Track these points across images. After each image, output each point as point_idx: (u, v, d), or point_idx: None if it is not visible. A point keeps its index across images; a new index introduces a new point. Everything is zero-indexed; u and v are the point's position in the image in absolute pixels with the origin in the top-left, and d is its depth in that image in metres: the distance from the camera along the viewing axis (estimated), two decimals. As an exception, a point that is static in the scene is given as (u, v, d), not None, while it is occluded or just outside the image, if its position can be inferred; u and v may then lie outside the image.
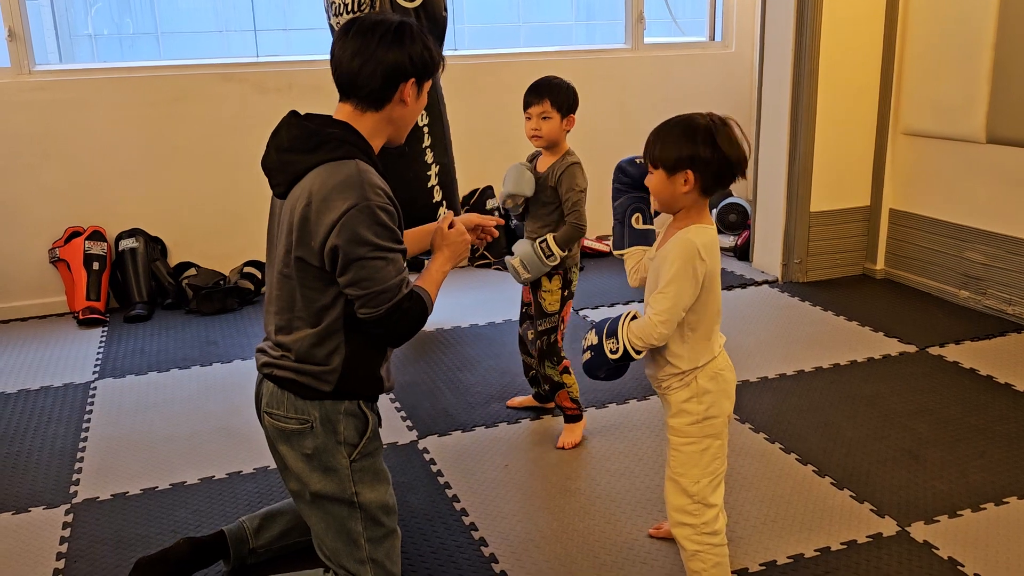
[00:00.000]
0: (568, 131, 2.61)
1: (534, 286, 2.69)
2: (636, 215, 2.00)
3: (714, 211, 4.85)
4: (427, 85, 1.91)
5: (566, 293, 2.68)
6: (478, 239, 2.20)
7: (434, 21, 3.28)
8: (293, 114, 1.88)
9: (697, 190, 1.79)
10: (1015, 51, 3.52)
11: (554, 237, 2.56)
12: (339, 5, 3.28)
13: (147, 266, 4.20)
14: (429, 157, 3.34)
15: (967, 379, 3.18)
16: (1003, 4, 3.54)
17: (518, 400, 3.03)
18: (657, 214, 1.96)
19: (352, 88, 1.83)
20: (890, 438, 2.76)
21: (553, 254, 2.56)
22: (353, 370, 1.87)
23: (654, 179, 1.83)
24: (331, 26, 3.29)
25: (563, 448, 2.73)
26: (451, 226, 2.04)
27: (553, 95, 2.55)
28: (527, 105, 2.58)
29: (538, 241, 2.58)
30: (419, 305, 1.86)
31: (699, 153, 1.76)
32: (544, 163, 2.64)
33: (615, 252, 2.06)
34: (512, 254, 2.63)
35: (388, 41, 1.81)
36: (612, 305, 4.08)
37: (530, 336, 2.79)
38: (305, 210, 1.76)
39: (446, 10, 3.40)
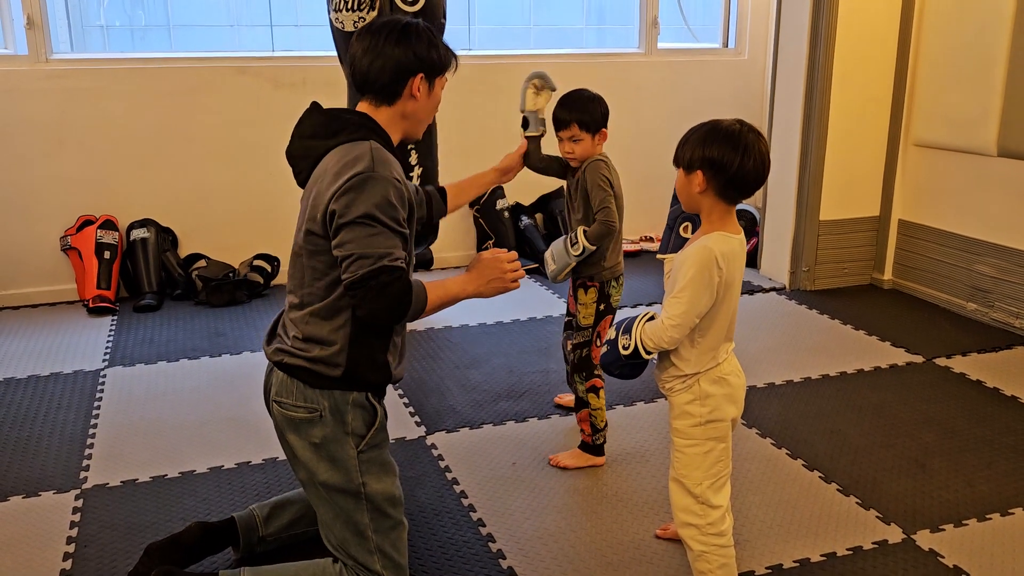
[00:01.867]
0: (602, 143, 2.54)
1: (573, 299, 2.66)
2: (685, 224, 2.01)
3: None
4: (440, 82, 1.98)
5: (602, 307, 2.59)
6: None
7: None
8: (315, 105, 1.96)
9: (712, 193, 1.80)
10: (1029, 65, 3.53)
11: (585, 230, 2.50)
12: (339, 0, 3.27)
13: (158, 256, 4.22)
14: (413, 159, 3.34)
15: (973, 391, 3.19)
16: (1018, 18, 3.55)
17: (566, 399, 3.02)
18: None
19: (366, 84, 1.92)
20: (896, 446, 2.77)
21: (578, 242, 2.48)
22: (359, 350, 1.88)
23: (678, 177, 1.85)
24: (330, 21, 3.25)
25: (554, 464, 2.64)
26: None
27: (580, 117, 2.47)
28: (556, 128, 2.52)
29: (570, 233, 2.55)
30: (402, 286, 1.78)
31: (713, 155, 1.77)
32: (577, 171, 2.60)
33: (657, 256, 2.08)
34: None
35: (394, 39, 1.89)
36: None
37: (568, 347, 2.71)
38: (319, 185, 1.83)
39: (444, 17, 3.39)
